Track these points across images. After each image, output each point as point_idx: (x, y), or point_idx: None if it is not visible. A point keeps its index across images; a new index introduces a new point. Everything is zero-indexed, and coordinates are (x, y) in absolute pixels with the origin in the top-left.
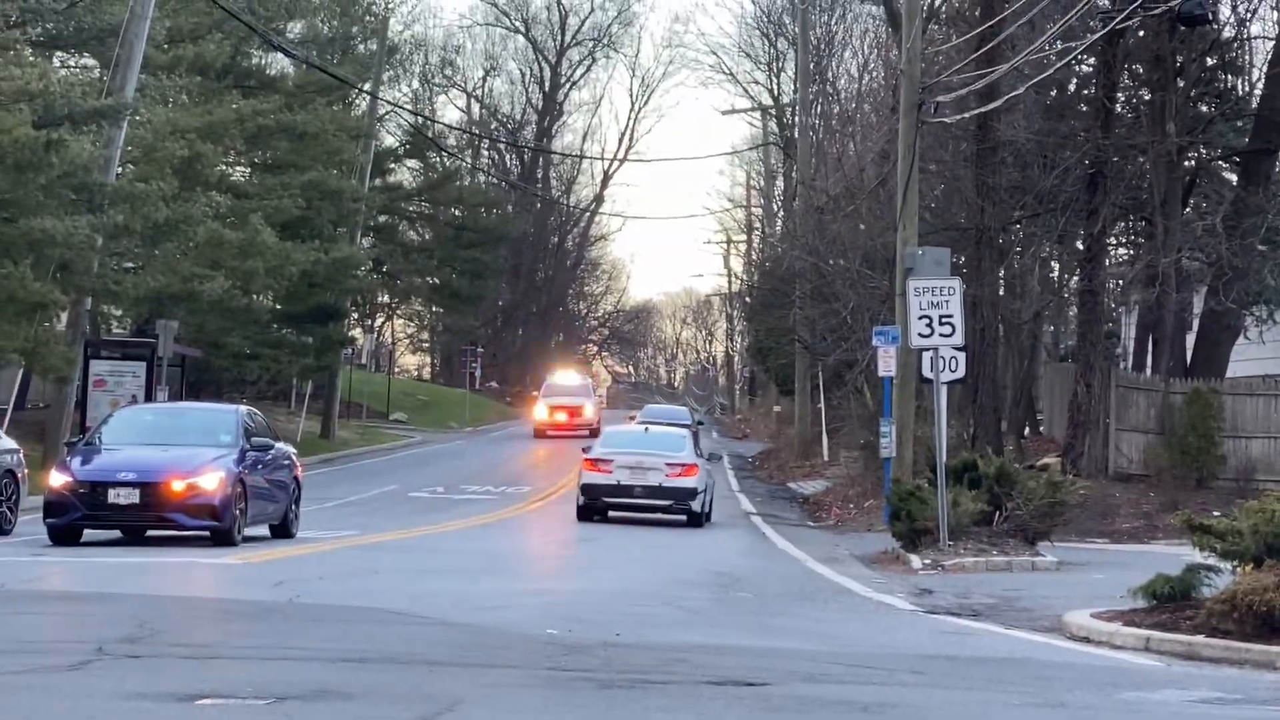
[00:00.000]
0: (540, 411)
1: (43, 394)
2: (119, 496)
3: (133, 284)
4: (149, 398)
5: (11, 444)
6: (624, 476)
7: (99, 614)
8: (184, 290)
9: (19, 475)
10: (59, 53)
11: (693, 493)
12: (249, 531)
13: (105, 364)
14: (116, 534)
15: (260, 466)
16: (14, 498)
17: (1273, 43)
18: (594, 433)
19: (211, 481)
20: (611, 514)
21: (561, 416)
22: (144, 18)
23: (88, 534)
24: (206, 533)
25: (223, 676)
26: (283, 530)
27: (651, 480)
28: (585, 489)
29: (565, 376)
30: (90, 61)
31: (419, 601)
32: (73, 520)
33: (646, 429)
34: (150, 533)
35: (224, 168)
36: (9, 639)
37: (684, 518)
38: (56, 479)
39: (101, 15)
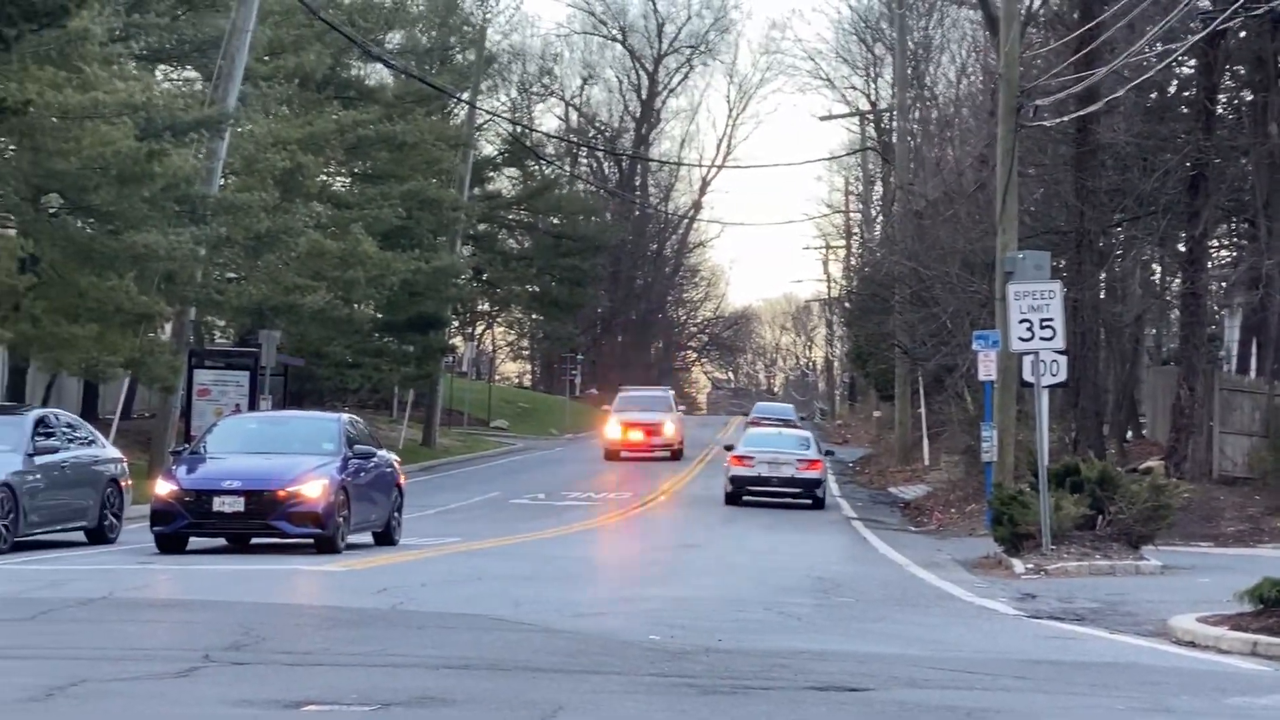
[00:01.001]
0: (612, 429)
1: (148, 403)
2: (224, 505)
3: (235, 294)
4: (252, 407)
5: (115, 453)
6: (764, 470)
7: (205, 621)
8: (286, 300)
9: (123, 484)
10: (161, 65)
11: (818, 483)
12: (352, 539)
13: (209, 373)
14: (222, 541)
15: (363, 474)
16: (118, 506)
17: None
18: (676, 454)
19: (315, 489)
20: (729, 506)
21: (637, 435)
22: (245, 30)
23: (193, 541)
24: (310, 540)
25: (327, 683)
26: (385, 537)
27: (785, 472)
28: (733, 479)
29: (641, 388)
30: (192, 74)
31: (521, 608)
32: (179, 528)
33: (780, 432)
34: (255, 540)
35: (325, 178)
36: (118, 646)
37: (809, 502)
38: (163, 487)
39: (203, 28)
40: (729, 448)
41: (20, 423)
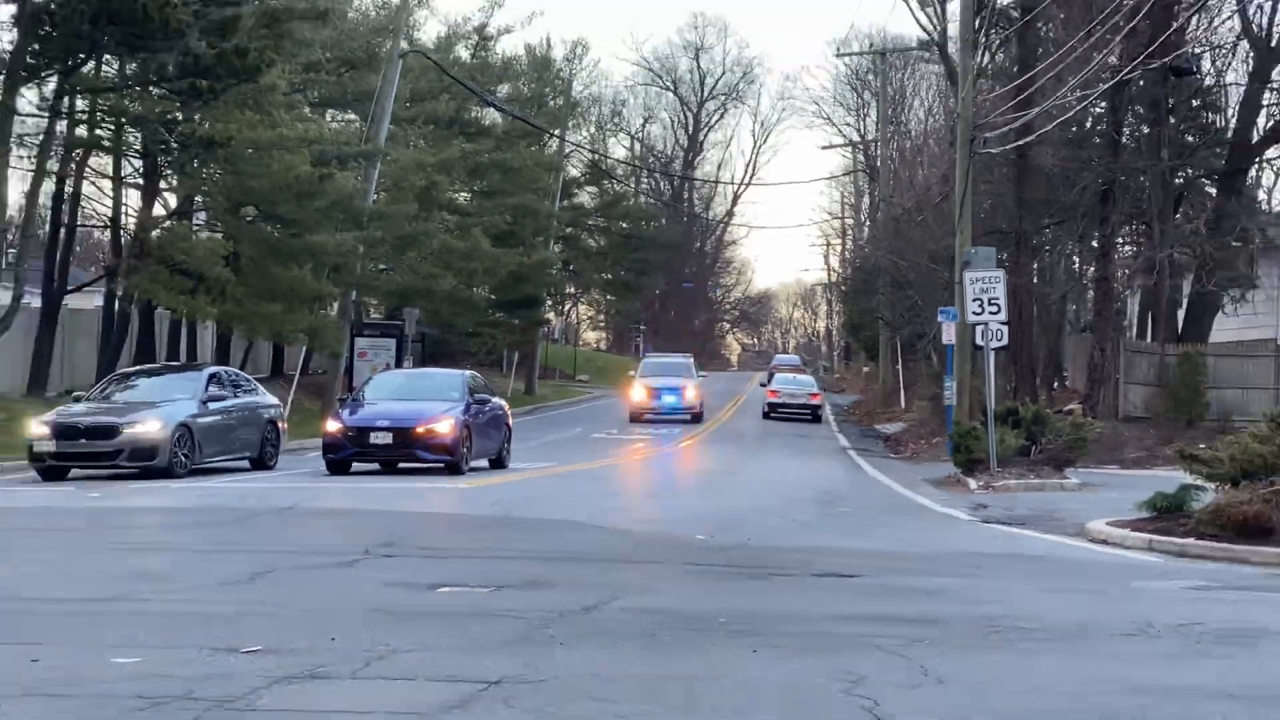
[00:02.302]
0: (636, 393)
1: (321, 364)
2: (378, 438)
3: (385, 281)
4: (398, 365)
5: (274, 400)
6: (787, 399)
7: (363, 525)
8: (423, 285)
9: (280, 425)
10: (330, 110)
11: (819, 407)
12: (473, 464)
13: (366, 341)
14: (375, 466)
15: (481, 415)
16: (275, 441)
17: (1242, 88)
18: (696, 417)
19: (445, 426)
20: (764, 421)
21: (659, 399)
22: (392, 83)
23: (355, 466)
24: (442, 465)
25: (456, 571)
26: (498, 463)
27: (799, 401)
28: (768, 405)
29: (665, 355)
30: (352, 116)
31: (599, 516)
32: (344, 456)
33: (795, 376)
34: (400, 465)
35: (452, 194)
36: (299, 544)
37: (810, 419)
38: (332, 425)
39: (361, 82)
40: (763, 384)
41: (197, 377)
